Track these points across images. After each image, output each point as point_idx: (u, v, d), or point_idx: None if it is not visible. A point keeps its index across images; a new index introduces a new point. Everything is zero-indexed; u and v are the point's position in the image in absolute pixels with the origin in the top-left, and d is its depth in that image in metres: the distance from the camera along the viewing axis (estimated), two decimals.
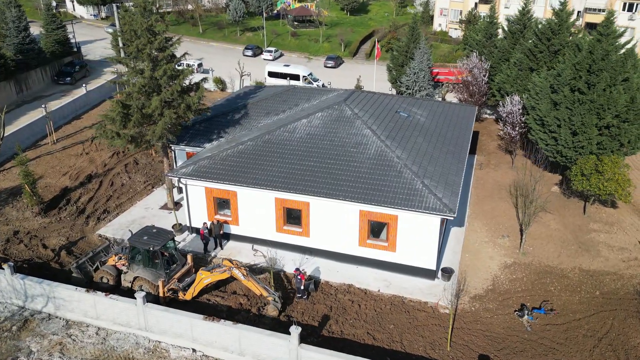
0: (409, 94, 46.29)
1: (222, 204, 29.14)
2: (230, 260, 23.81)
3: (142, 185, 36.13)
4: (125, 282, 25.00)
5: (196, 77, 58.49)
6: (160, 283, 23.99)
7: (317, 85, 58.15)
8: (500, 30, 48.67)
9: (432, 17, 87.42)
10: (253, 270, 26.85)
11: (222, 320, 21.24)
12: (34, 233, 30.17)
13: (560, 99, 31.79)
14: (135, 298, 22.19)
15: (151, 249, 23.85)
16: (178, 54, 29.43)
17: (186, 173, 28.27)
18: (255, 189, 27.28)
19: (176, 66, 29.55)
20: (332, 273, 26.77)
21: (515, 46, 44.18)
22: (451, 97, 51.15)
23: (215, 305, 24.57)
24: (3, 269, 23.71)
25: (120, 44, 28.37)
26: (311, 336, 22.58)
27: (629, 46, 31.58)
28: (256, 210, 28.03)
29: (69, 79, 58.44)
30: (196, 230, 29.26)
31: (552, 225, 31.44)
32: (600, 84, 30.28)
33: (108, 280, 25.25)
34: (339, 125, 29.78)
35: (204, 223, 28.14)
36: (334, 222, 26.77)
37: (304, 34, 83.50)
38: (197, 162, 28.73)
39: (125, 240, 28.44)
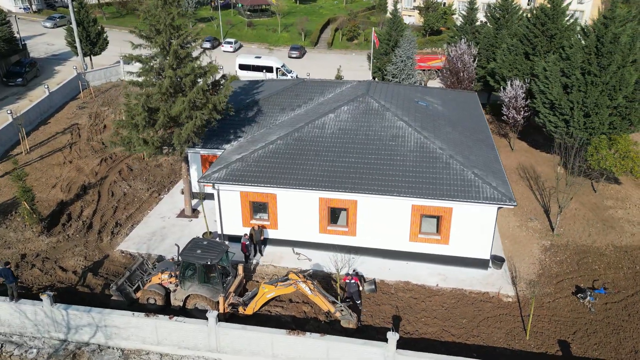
0: (397, 82, 46.05)
1: (258, 208, 27.53)
2: (296, 273, 22.40)
3: (146, 193, 33.50)
4: (177, 301, 22.94)
5: None
6: (220, 299, 22.23)
7: (292, 77, 56.67)
8: (480, 16, 49.42)
9: (384, 4, 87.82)
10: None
11: (308, 333, 19.97)
12: (45, 255, 27.12)
13: (572, 82, 32.63)
14: (194, 317, 20.52)
15: (208, 263, 22.01)
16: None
17: (220, 178, 26.36)
18: (298, 190, 25.92)
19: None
20: (385, 271, 26.05)
21: (500, 32, 45.07)
22: (434, 84, 51.53)
23: (278, 317, 23.15)
24: (41, 299, 21.02)
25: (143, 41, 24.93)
26: None
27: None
28: (298, 212, 26.68)
29: (20, 79, 53.23)
30: (231, 239, 27.40)
31: (571, 204, 32.36)
32: (612, 65, 31.35)
33: (155, 301, 23.09)
34: (370, 118, 28.90)
35: (245, 234, 26.39)
36: (383, 218, 25.99)
37: (260, 24, 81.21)
38: (229, 165, 26.86)
39: (165, 256, 26.36)
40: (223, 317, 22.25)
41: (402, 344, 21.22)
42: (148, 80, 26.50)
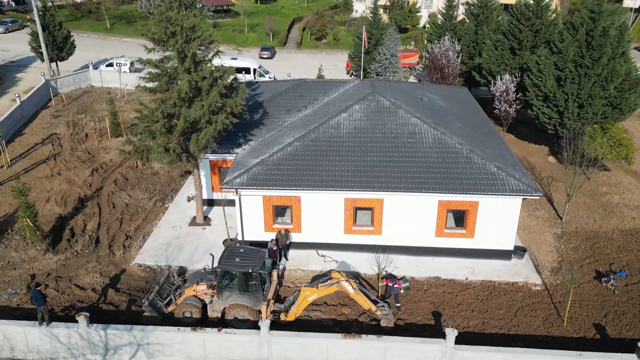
0: (384, 79, 46.39)
1: (280, 212, 27.00)
2: (339, 272, 22.12)
3: (149, 202, 32.18)
4: (215, 312, 22.16)
5: (130, 78, 53.42)
6: (263, 307, 21.65)
7: (269, 78, 55.99)
8: (458, 13, 50.45)
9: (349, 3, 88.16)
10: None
11: (364, 335, 19.75)
12: (56, 274, 25.54)
13: (566, 74, 33.87)
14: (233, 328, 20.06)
15: (250, 271, 21.38)
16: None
17: (242, 183, 25.65)
18: (323, 192, 25.60)
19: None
20: (413, 268, 26.13)
21: (481, 28, 46.22)
22: (412, 80, 52.29)
23: (319, 321, 22.78)
24: (75, 321, 19.76)
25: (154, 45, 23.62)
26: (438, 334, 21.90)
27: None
28: (322, 213, 26.35)
29: None
30: (252, 245, 26.69)
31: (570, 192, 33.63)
32: (603, 58, 32.76)
33: (192, 314, 22.20)
34: (384, 117, 28.92)
35: (272, 239, 25.81)
36: (410, 215, 26.08)
37: (225, 25, 79.70)
38: (249, 169, 26.18)
39: (187, 267, 25.41)
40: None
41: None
42: (161, 85, 25.38)
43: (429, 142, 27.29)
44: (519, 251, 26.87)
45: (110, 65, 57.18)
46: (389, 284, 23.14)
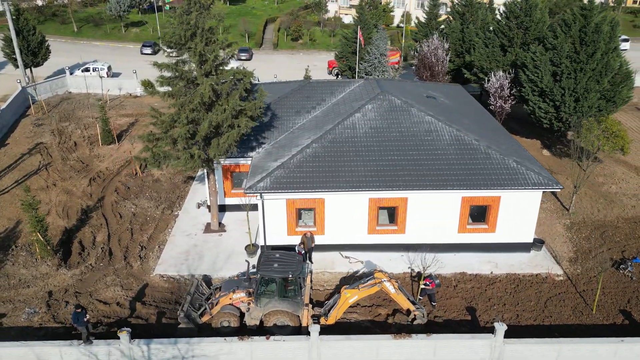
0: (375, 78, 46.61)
1: (303, 214, 26.69)
2: (382, 272, 22.05)
3: (156, 211, 31.21)
4: (253, 320, 21.67)
5: (110, 83, 51.83)
6: (305, 312, 21.34)
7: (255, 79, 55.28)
8: (441, 11, 51.25)
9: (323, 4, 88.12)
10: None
11: (414, 334, 19.74)
12: (74, 290, 24.41)
13: (562, 70, 34.90)
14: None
15: (290, 276, 21.02)
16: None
17: (266, 187, 25.19)
18: (347, 193, 25.46)
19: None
20: (437, 265, 26.27)
21: (467, 27, 47.10)
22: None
23: (358, 323, 22.63)
24: (119, 337, 18.92)
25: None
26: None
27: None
28: (346, 214, 26.21)
29: None
30: (274, 249, 26.28)
31: (568, 184, 34.69)
32: (597, 53, 33.94)
33: (230, 323, 21.65)
34: (397, 115, 29.00)
35: (300, 243, 25.48)
36: (433, 213, 26.27)
37: None
38: (271, 173, 25.75)
39: (211, 275, 24.76)
40: (306, 331, 21.46)
41: (491, 331, 21.69)
42: (179, 89, 24.63)
43: (447, 140, 27.55)
44: (537, 243, 27.47)
45: (87, 70, 55.29)
46: (427, 282, 23.19)
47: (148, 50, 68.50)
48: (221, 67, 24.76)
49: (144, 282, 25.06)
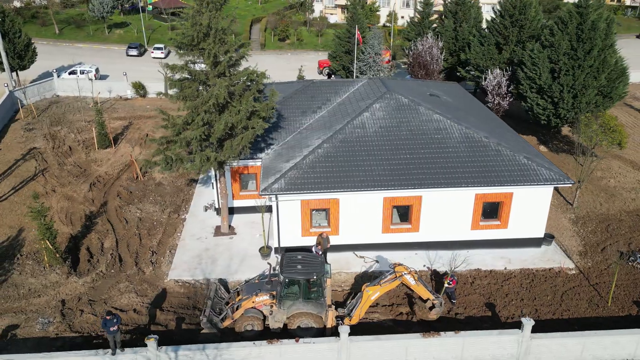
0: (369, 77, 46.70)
1: (317, 215, 26.54)
2: (401, 265, 22.10)
3: (162, 215, 30.69)
4: (277, 323, 21.44)
5: (99, 85, 50.87)
6: (330, 313, 21.21)
7: None
8: (434, 11, 51.61)
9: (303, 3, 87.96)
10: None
11: (442, 332, 19.78)
12: (87, 298, 23.81)
13: (560, 67, 35.46)
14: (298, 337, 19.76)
15: (314, 277, 20.86)
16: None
17: (281, 188, 24.97)
18: (363, 192, 25.40)
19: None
20: (451, 262, 26.42)
21: (460, 25, 47.54)
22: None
23: (380, 323, 22.61)
24: (146, 344, 18.51)
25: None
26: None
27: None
28: (361, 214, 26.15)
29: None
30: (287, 251, 26.06)
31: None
32: (594, 50, 34.57)
33: (254, 326, 21.40)
34: (406, 114, 29.05)
35: (317, 245, 25.33)
36: (447, 210, 26.39)
37: None
38: (285, 174, 25.54)
39: (227, 279, 24.42)
40: (330, 332, 21.37)
41: (512, 327, 21.90)
42: (192, 91, 24.23)
43: (457, 137, 27.70)
44: (548, 238, 27.83)
45: (73, 73, 54.15)
46: (449, 280, 23.26)
47: (134, 52, 67.45)
48: (233, 68, 24.42)
49: (159, 288, 24.60)
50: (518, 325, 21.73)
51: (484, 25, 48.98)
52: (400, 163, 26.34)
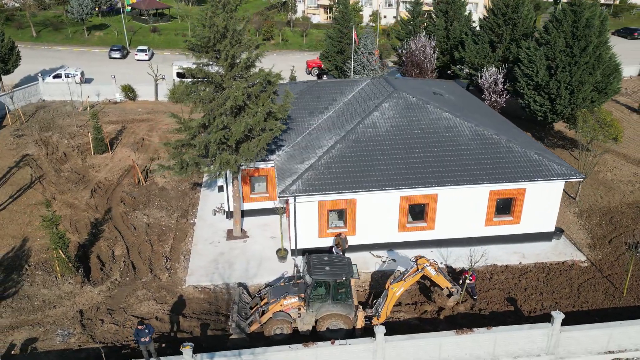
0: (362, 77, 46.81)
1: (334, 216, 26.45)
2: (423, 257, 22.27)
3: (170, 220, 30.15)
4: (306, 325, 21.30)
5: (86, 89, 49.73)
6: (360, 313, 21.18)
7: None
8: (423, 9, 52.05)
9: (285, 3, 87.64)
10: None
11: (475, 329, 19.94)
12: (105, 307, 23.21)
13: (557, 64, 36.18)
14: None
15: (344, 279, 20.79)
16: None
17: (298, 190, 24.79)
18: (380, 192, 25.43)
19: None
20: (467, 259, 26.66)
21: (451, 24, 48.06)
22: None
23: (406, 322, 22.68)
24: (181, 353, 18.12)
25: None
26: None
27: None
28: (377, 214, 26.17)
29: None
30: (303, 253, 25.95)
31: None
32: (589, 46, 35.39)
33: (283, 330, 21.21)
34: (415, 113, 29.21)
35: (336, 245, 25.25)
36: (462, 208, 26.63)
37: (165, 29, 76.11)
38: (301, 175, 25.37)
39: (246, 282, 24.14)
40: (359, 333, 21.35)
41: (536, 320, 22.25)
42: (208, 94, 23.85)
43: (468, 135, 27.98)
44: (558, 232, 28.36)
45: (58, 77, 52.72)
46: (466, 275, 23.48)
47: (117, 55, 66.11)
48: (250, 69, 24.15)
49: (177, 294, 24.16)
50: (542, 319, 22.23)
51: (474, 23, 49.70)
52: (415, 162, 26.46)
